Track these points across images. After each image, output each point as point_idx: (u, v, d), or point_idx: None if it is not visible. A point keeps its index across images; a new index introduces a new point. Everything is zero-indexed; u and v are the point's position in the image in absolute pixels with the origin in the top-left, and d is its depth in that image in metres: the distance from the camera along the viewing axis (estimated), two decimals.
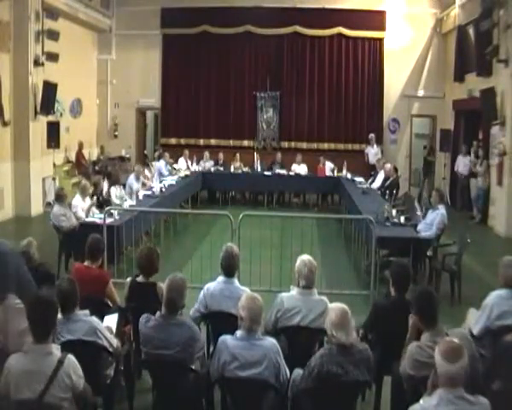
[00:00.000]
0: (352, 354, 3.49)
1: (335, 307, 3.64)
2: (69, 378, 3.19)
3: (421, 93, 16.02)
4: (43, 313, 3.26)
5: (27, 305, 3.37)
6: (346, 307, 3.59)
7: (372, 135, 15.31)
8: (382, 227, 7.96)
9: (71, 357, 3.26)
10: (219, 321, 4.50)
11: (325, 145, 16.25)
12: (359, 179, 13.04)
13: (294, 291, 4.52)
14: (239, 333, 3.70)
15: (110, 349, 4.05)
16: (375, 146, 15.23)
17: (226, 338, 3.73)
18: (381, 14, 15.71)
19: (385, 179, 11.91)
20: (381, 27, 15.77)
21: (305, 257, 4.59)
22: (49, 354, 3.20)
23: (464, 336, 3.73)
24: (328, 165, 14.30)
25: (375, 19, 15.75)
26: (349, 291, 7.20)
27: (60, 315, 3.87)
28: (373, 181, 12.59)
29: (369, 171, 14.13)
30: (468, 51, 13.09)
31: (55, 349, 3.25)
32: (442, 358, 2.89)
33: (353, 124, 16.21)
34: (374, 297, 6.84)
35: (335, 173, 13.97)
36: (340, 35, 16.07)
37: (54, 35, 13.17)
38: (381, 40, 15.98)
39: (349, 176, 13.51)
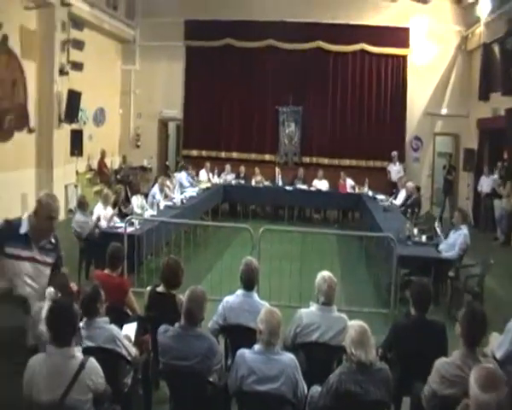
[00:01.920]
0: (372, 373, 3.47)
1: (355, 324, 3.63)
2: (90, 381, 3.27)
3: (444, 111, 15.95)
4: (62, 319, 3.32)
5: (47, 312, 3.44)
6: (365, 325, 3.58)
7: (395, 152, 15.24)
8: (403, 246, 7.92)
9: (92, 360, 3.33)
10: (238, 334, 4.51)
11: (347, 162, 16.25)
12: (381, 197, 12.99)
13: (314, 307, 4.52)
14: (257, 347, 3.70)
15: (128, 358, 4.09)
16: (397, 164, 15.16)
17: (244, 352, 3.74)
18: (405, 31, 15.72)
19: (407, 198, 11.86)
20: (405, 44, 15.78)
21: (325, 273, 4.59)
22: (71, 357, 3.28)
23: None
24: (349, 181, 14.28)
25: (399, 36, 15.76)
26: (368, 309, 7.16)
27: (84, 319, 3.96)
28: (394, 199, 12.54)
29: (391, 188, 14.07)
30: (494, 70, 13.05)
31: (78, 352, 3.32)
32: (476, 383, 2.79)
33: (375, 141, 16.15)
34: (394, 316, 6.79)
35: (356, 190, 13.95)
36: (364, 51, 16.13)
37: (79, 45, 13.43)
38: (404, 57, 15.99)
39: (370, 193, 13.48)
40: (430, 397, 3.61)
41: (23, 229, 3.88)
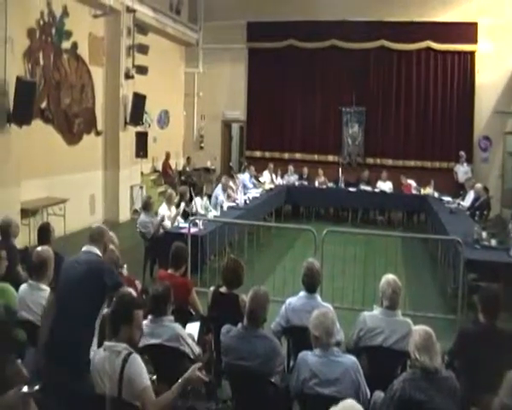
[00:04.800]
0: (437, 380, 3.38)
1: (419, 328, 3.55)
2: (132, 375, 3.25)
3: None
4: (119, 310, 3.43)
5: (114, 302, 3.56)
6: (430, 330, 3.49)
7: (462, 153, 14.79)
8: (471, 250, 7.68)
9: (135, 356, 3.31)
10: (300, 336, 4.49)
11: (411, 163, 15.95)
12: (447, 199, 12.68)
13: (377, 311, 4.46)
14: (317, 350, 3.70)
15: (191, 356, 4.15)
16: (465, 164, 14.71)
17: (306, 354, 3.74)
18: (473, 26, 15.16)
19: (475, 200, 11.50)
20: (473, 40, 15.23)
21: (390, 277, 4.51)
22: (118, 352, 3.31)
23: None
24: (411, 183, 14.01)
25: (466, 31, 15.23)
26: (434, 314, 6.98)
27: (149, 317, 4.07)
28: (462, 201, 12.18)
29: (458, 190, 13.66)
30: None
31: (124, 349, 3.33)
32: None
33: (441, 141, 15.77)
34: (460, 323, 6.60)
35: (422, 191, 13.66)
36: (429, 49, 15.73)
37: (144, 49, 13.75)
38: (472, 53, 15.46)
39: (436, 195, 13.18)
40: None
41: None
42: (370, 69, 16.23)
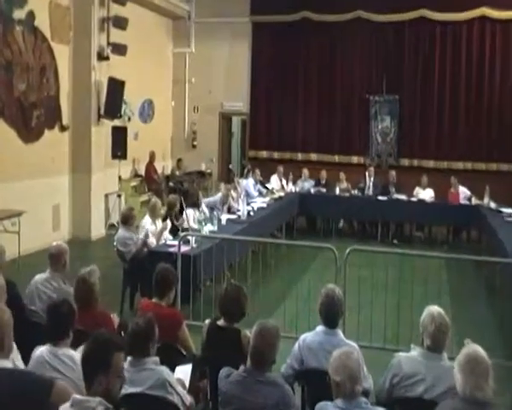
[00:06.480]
0: None
1: (468, 346, 3.53)
2: None
3: None
4: (92, 355, 3.32)
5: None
6: (482, 352, 3.46)
7: None
8: None
9: None
10: (317, 382, 4.47)
11: (459, 164, 15.96)
12: (508, 210, 12.64)
13: (416, 352, 4.41)
14: (339, 400, 3.67)
15: (181, 408, 4.13)
16: None
17: (325, 405, 3.70)
18: None
19: None
20: None
21: (435, 310, 4.45)
22: (90, 408, 3.17)
23: None
24: (463, 190, 13.97)
25: None
26: (491, 360, 6.91)
27: (128, 359, 4.03)
28: None
29: None
30: None
31: (99, 404, 3.18)
32: None
33: (499, 137, 15.79)
34: None
35: (473, 201, 13.62)
36: (484, 18, 15.71)
37: (121, 23, 13.72)
38: None
39: (493, 205, 13.13)
40: None
41: None
42: (406, 47, 16.30)
